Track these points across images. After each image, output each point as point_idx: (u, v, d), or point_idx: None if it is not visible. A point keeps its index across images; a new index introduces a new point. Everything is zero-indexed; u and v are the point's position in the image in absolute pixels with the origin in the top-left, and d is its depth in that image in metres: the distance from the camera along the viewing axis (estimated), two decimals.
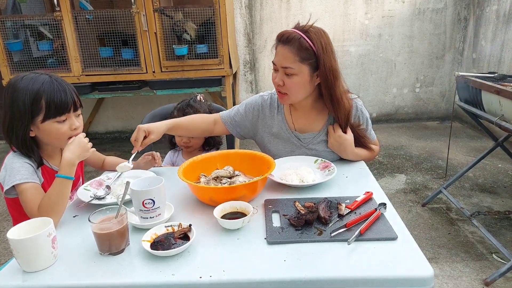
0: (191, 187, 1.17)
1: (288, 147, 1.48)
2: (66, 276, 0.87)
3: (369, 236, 0.95)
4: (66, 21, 3.13)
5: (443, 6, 4.15)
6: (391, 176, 3.09)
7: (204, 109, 1.76)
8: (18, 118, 1.18)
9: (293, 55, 1.27)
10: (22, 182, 1.16)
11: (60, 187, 1.11)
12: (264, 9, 4.11)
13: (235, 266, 0.87)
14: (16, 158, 1.22)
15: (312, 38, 1.26)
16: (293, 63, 1.28)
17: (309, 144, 1.46)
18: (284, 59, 1.29)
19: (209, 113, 1.71)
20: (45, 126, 1.19)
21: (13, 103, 1.18)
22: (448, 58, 4.34)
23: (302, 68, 1.28)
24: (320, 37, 1.27)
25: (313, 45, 1.26)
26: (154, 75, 3.31)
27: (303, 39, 1.26)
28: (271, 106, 1.49)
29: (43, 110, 1.17)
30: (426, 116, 4.57)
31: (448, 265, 1.98)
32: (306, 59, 1.27)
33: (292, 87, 1.32)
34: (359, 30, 4.22)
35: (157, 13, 3.12)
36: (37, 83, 1.18)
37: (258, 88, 4.41)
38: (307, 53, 1.27)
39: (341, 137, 1.38)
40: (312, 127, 1.46)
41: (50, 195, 1.11)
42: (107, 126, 4.50)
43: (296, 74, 1.29)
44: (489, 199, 2.63)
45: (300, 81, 1.31)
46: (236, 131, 1.54)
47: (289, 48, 1.27)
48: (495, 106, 1.98)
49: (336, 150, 1.43)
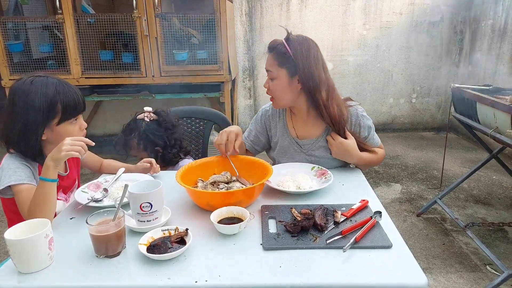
0: (189, 192, 1.17)
1: (288, 153, 1.51)
2: (62, 278, 0.87)
3: (364, 243, 0.96)
4: (67, 24, 3.14)
5: (440, 19, 4.22)
6: (386, 185, 3.11)
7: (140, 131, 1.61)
8: (34, 123, 1.18)
9: (273, 60, 1.37)
10: (17, 183, 1.16)
11: (43, 190, 1.09)
12: (264, 17, 4.16)
13: (231, 271, 0.88)
14: (13, 159, 1.22)
15: (291, 44, 1.34)
16: (272, 66, 1.38)
17: (309, 150, 1.48)
18: (267, 64, 1.40)
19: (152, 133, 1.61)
20: (60, 128, 1.21)
21: (28, 108, 1.17)
22: (444, 69, 4.39)
23: (280, 72, 1.37)
24: (301, 44, 1.34)
25: (290, 50, 1.33)
26: (154, 79, 3.32)
27: (282, 45, 1.35)
28: (273, 116, 1.56)
29: (59, 113, 1.20)
30: (422, 127, 4.61)
31: (442, 275, 1.99)
32: (283, 63, 1.35)
33: (275, 90, 1.41)
34: (357, 40, 4.27)
35: (158, 18, 3.15)
36: (50, 86, 1.19)
37: (256, 94, 4.43)
38: (284, 58, 1.35)
39: (343, 144, 1.40)
40: (311, 133, 1.48)
41: (35, 198, 1.10)
42: (104, 129, 4.49)
43: (276, 78, 1.38)
44: (483, 210, 2.65)
45: (280, 84, 1.38)
46: (254, 149, 1.63)
47: (271, 54, 1.39)
48: (490, 118, 2.00)
49: (342, 157, 1.44)
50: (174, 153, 1.67)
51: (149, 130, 1.62)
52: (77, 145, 1.10)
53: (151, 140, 1.62)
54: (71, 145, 1.09)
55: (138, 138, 1.62)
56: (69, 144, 1.09)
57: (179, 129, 1.76)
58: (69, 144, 1.09)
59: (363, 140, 1.47)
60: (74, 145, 1.09)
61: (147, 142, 1.62)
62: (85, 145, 1.13)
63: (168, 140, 1.65)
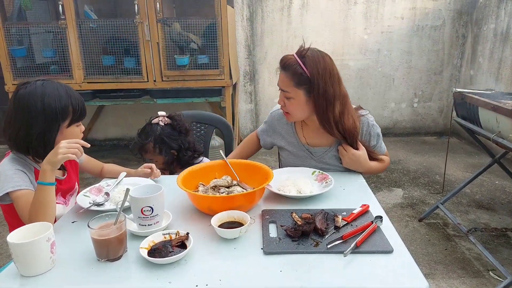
0: (190, 196, 1.18)
1: (298, 160, 1.52)
2: (64, 282, 0.87)
3: (365, 248, 0.95)
4: (70, 29, 3.17)
5: (441, 24, 4.23)
6: (388, 190, 3.10)
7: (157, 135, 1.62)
8: (51, 125, 1.20)
9: (289, 80, 1.35)
10: (15, 190, 1.16)
11: (41, 194, 1.09)
12: (265, 22, 4.18)
13: (231, 275, 0.88)
14: (10, 165, 1.22)
15: (307, 63, 1.31)
16: (289, 87, 1.36)
17: (321, 158, 1.50)
18: (282, 84, 1.38)
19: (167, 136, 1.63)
20: (68, 130, 1.24)
21: (45, 111, 1.18)
22: (446, 74, 4.40)
23: (297, 92, 1.36)
24: (317, 62, 1.32)
25: (307, 70, 1.31)
26: (155, 84, 3.34)
27: (298, 65, 1.32)
28: (280, 121, 1.56)
29: (70, 115, 1.23)
30: (424, 131, 4.61)
31: (444, 281, 1.98)
32: (300, 84, 1.34)
33: (291, 108, 1.41)
34: (359, 45, 4.28)
35: (159, 23, 3.17)
36: (62, 89, 1.23)
37: (257, 99, 4.45)
38: (301, 78, 1.33)
39: (355, 155, 1.42)
40: (323, 142, 1.49)
41: (34, 203, 1.10)
42: (106, 133, 4.51)
43: (293, 98, 1.37)
44: (486, 215, 2.64)
45: (297, 104, 1.38)
46: (263, 142, 1.67)
47: (286, 73, 1.36)
48: (492, 123, 2.00)
49: (352, 168, 1.46)
50: (189, 156, 1.69)
51: (164, 134, 1.65)
52: (73, 147, 1.10)
53: (167, 143, 1.64)
54: (67, 148, 1.09)
55: (154, 142, 1.64)
56: (65, 147, 1.08)
57: (192, 132, 1.80)
58: (65, 147, 1.09)
59: (372, 149, 1.49)
60: (70, 148, 1.09)
61: (162, 146, 1.64)
62: (81, 147, 1.13)
63: (183, 143, 1.67)
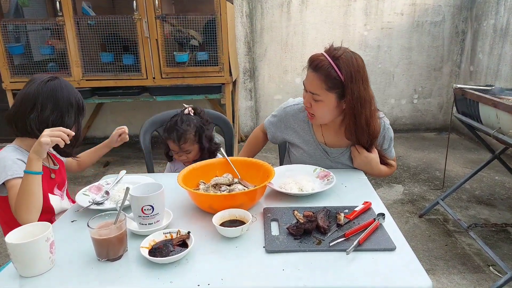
0: (190, 194, 1.17)
1: (312, 159, 1.49)
2: (63, 282, 0.86)
3: (367, 246, 0.95)
4: (68, 26, 3.14)
5: (441, 19, 4.21)
6: (388, 186, 3.09)
7: (195, 123, 1.67)
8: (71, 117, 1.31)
9: (320, 83, 1.28)
10: (13, 177, 1.18)
11: (27, 183, 1.12)
12: (265, 18, 4.16)
13: (233, 274, 0.87)
14: (10, 154, 1.23)
15: (341, 67, 1.25)
16: (320, 90, 1.29)
17: (336, 158, 1.48)
18: (312, 86, 1.31)
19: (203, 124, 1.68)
20: None
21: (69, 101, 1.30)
22: (446, 70, 4.38)
23: (328, 96, 1.30)
24: (350, 65, 1.25)
25: (341, 74, 1.25)
26: (154, 81, 3.32)
27: (332, 68, 1.25)
28: (295, 117, 1.50)
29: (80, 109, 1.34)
30: (424, 127, 4.60)
31: (445, 277, 1.98)
32: (333, 88, 1.28)
33: (319, 111, 1.35)
34: (358, 41, 4.26)
35: (158, 20, 3.15)
36: (69, 84, 1.33)
37: (257, 96, 4.43)
38: (335, 82, 1.27)
39: (368, 157, 1.40)
40: (341, 143, 1.47)
41: (19, 193, 1.13)
42: (105, 131, 4.48)
43: (323, 101, 1.31)
44: (486, 211, 2.64)
45: (327, 107, 1.33)
46: (271, 135, 1.61)
47: (317, 75, 1.28)
48: (492, 119, 1.99)
49: (363, 169, 1.45)
50: (215, 147, 1.76)
51: (201, 122, 1.71)
52: (55, 135, 1.12)
53: (205, 131, 1.70)
54: (50, 135, 1.11)
55: (195, 130, 1.68)
56: (48, 135, 1.11)
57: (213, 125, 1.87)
58: (48, 134, 1.11)
59: (383, 152, 1.47)
60: (53, 135, 1.12)
61: (202, 133, 1.69)
62: (65, 135, 1.14)
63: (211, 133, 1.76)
